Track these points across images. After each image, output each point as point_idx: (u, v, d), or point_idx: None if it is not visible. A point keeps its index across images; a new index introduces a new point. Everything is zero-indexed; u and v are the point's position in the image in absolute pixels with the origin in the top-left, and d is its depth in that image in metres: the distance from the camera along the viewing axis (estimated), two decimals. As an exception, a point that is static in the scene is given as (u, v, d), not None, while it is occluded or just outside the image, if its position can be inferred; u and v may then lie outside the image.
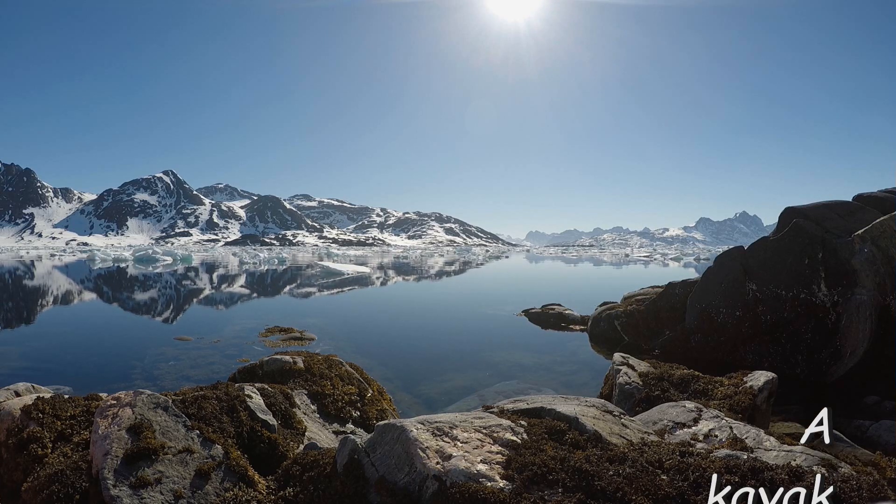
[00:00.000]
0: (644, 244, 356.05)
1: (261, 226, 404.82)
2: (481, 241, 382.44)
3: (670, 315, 8.86)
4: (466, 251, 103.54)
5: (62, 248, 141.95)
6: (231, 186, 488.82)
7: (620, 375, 5.28)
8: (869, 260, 6.11)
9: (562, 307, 13.26)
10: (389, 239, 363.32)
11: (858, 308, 5.95)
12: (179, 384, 6.51)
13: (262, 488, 3.11)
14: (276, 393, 4.19)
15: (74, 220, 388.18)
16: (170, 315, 14.02)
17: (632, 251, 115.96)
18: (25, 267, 37.74)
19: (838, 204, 7.53)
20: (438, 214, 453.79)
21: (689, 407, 4.02)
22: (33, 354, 8.62)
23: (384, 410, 5.04)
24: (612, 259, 66.83)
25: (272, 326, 10.83)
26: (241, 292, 20.79)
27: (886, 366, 5.60)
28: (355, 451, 3.03)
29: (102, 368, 7.84)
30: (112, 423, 3.24)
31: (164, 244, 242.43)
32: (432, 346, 10.06)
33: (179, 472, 3.01)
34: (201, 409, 3.53)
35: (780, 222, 7.55)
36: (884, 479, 2.93)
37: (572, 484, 2.66)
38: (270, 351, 8.67)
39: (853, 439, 4.26)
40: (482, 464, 2.78)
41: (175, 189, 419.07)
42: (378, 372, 7.20)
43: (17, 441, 3.64)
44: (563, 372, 8.00)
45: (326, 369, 5.07)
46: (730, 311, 7.28)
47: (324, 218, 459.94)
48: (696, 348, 7.51)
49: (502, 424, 3.21)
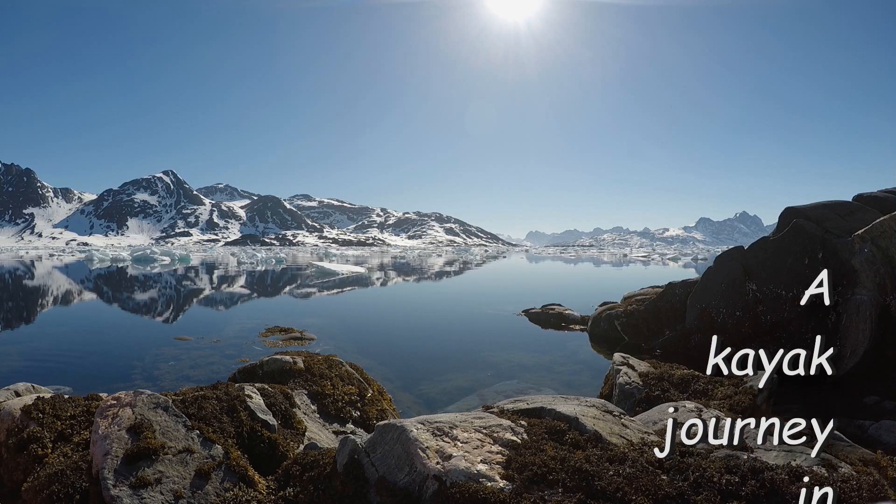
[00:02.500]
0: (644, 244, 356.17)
1: (261, 226, 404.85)
2: (481, 241, 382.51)
3: (670, 315, 8.86)
4: (465, 251, 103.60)
5: (62, 248, 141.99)
6: (231, 186, 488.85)
7: (620, 375, 5.28)
8: (869, 260, 6.11)
9: (562, 307, 13.26)
10: (389, 239, 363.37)
11: (858, 308, 5.95)
12: (179, 384, 6.51)
13: (262, 488, 3.11)
14: (276, 393, 4.19)
15: (74, 221, 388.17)
16: (169, 315, 14.02)
17: (631, 251, 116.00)
18: (25, 267, 37.74)
19: (838, 204, 7.53)
20: (438, 214, 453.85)
21: (689, 407, 4.02)
22: (33, 354, 8.62)
23: (384, 410, 5.04)
24: (610, 259, 66.89)
25: (272, 326, 10.82)
26: (240, 292, 20.79)
27: (886, 366, 5.60)
28: (355, 451, 3.03)
29: (102, 368, 7.84)
30: (112, 423, 3.24)
31: (165, 244, 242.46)
32: (432, 346, 10.06)
33: (179, 472, 3.01)
34: (201, 409, 3.53)
35: (780, 222, 7.55)
36: (884, 478, 2.93)
37: (572, 484, 2.66)
38: (270, 351, 8.67)
39: (853, 439, 4.25)
40: (482, 464, 2.78)
41: (175, 189, 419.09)
42: (378, 372, 7.20)
43: (17, 441, 3.64)
44: (563, 372, 8.00)
45: (326, 369, 5.07)
46: (730, 311, 7.28)
47: (324, 218, 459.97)
48: (696, 348, 7.51)
49: (502, 424, 3.21)
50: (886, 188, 8.02)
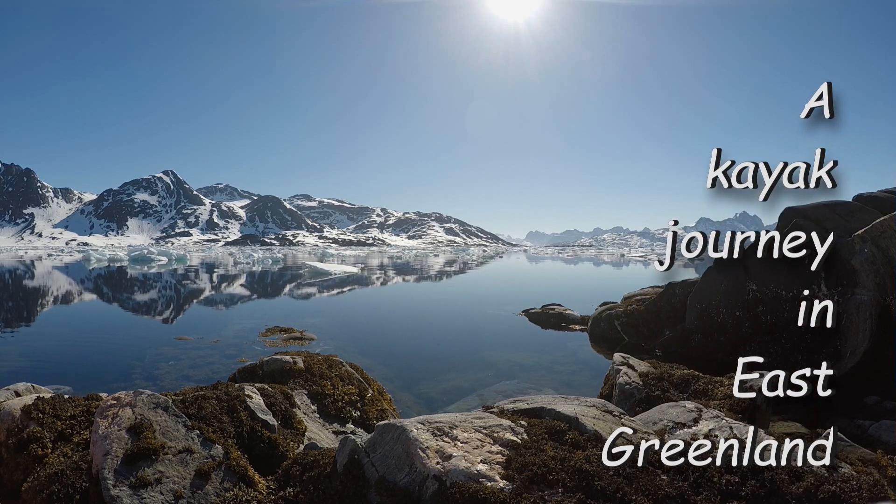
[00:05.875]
0: (644, 244, 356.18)
1: (261, 226, 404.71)
2: (481, 241, 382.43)
3: (670, 315, 8.87)
4: (463, 251, 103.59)
5: (62, 248, 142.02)
6: (231, 186, 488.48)
7: (620, 375, 5.28)
8: (869, 260, 6.11)
9: (562, 307, 13.26)
10: (389, 239, 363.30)
11: (858, 308, 5.95)
12: (179, 384, 6.51)
13: (262, 488, 3.11)
14: (276, 393, 4.19)
15: (74, 221, 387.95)
16: (169, 315, 14.01)
17: (629, 251, 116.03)
18: (24, 267, 37.74)
19: (838, 204, 7.53)
20: (438, 214, 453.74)
21: (689, 407, 4.02)
22: (33, 354, 8.62)
23: (384, 410, 5.04)
24: (609, 259, 66.92)
25: (272, 326, 10.82)
26: (239, 292, 20.79)
27: (886, 366, 5.60)
28: (355, 451, 3.03)
29: (102, 368, 7.84)
30: (112, 423, 3.24)
31: (165, 244, 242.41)
32: (432, 346, 10.06)
33: (179, 472, 3.01)
34: (201, 409, 3.53)
35: (780, 222, 7.55)
36: (884, 478, 2.93)
37: (572, 484, 2.66)
38: (270, 351, 8.67)
39: (853, 439, 4.26)
40: (482, 464, 2.78)
41: (175, 189, 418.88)
42: (378, 372, 7.20)
43: (17, 441, 3.64)
44: (563, 372, 8.00)
45: (326, 369, 5.07)
46: (730, 311, 7.28)
47: (324, 218, 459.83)
48: (696, 348, 7.52)
49: (502, 424, 3.21)
50: (886, 188, 8.02)
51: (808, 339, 6.29)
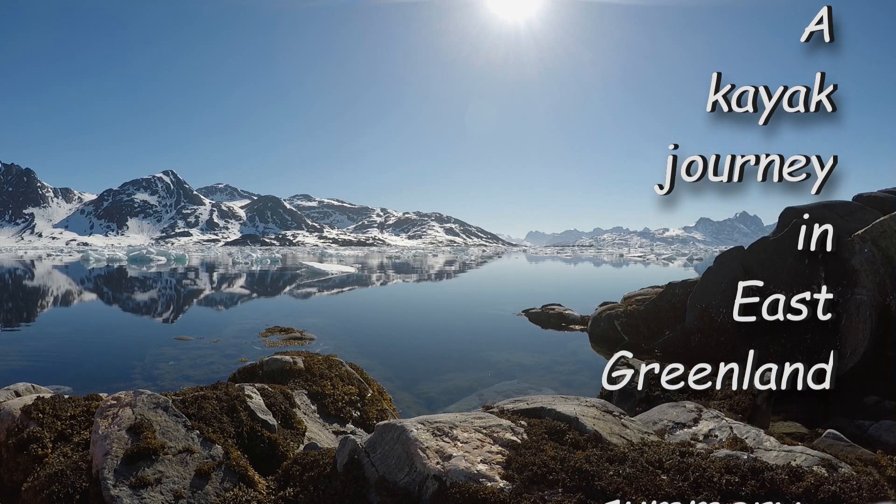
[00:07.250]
0: (644, 244, 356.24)
1: (261, 226, 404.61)
2: (481, 241, 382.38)
3: (670, 315, 8.86)
4: (462, 251, 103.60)
5: (62, 248, 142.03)
6: (231, 186, 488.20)
7: (620, 375, 5.28)
8: (869, 260, 6.11)
9: (562, 307, 13.26)
10: (389, 239, 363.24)
11: (858, 308, 5.95)
12: (179, 384, 6.51)
13: (262, 488, 3.11)
14: (276, 393, 4.19)
15: (74, 221, 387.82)
16: (169, 315, 14.01)
17: (628, 251, 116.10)
18: (24, 267, 37.73)
19: (838, 204, 7.53)
20: (438, 214, 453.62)
21: (689, 407, 4.02)
22: (33, 354, 8.62)
23: (384, 410, 5.04)
24: (608, 259, 66.96)
25: (272, 326, 10.82)
26: (239, 292, 20.79)
27: (886, 366, 5.60)
28: (355, 452, 3.03)
29: (102, 368, 7.84)
30: (112, 423, 3.24)
31: (165, 244, 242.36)
32: (432, 346, 10.06)
33: (179, 472, 3.01)
34: (201, 409, 3.53)
35: (780, 222, 7.56)
36: (884, 478, 2.93)
37: (572, 484, 2.66)
38: (270, 351, 8.67)
39: (853, 439, 4.26)
40: (482, 464, 2.78)
41: (175, 189, 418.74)
42: (378, 372, 7.20)
43: (17, 441, 3.63)
44: (563, 372, 8.00)
45: (326, 369, 5.07)
46: (730, 311, 7.27)
47: (324, 218, 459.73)
48: (696, 348, 7.51)
49: (502, 424, 3.21)
50: (886, 188, 8.02)
51: (809, 340, 6.29)
